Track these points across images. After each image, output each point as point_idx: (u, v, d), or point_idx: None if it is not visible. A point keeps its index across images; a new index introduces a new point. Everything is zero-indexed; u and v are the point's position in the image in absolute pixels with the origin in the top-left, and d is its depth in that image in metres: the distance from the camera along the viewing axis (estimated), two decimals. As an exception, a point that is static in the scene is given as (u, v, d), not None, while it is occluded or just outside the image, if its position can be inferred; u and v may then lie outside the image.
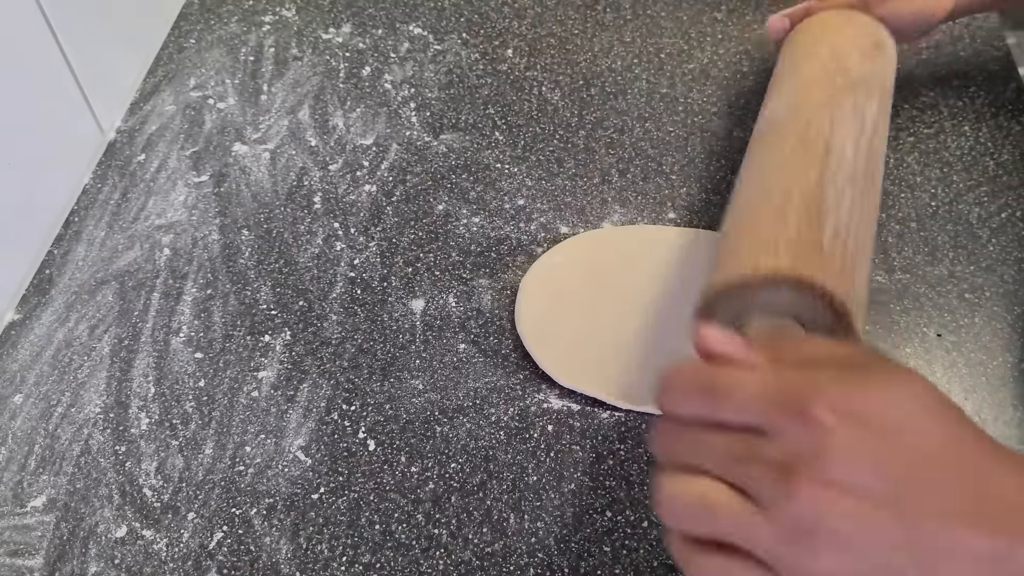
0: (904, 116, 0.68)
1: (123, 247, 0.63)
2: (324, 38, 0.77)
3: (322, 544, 0.49)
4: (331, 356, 0.56)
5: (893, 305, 0.57)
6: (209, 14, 0.79)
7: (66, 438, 0.53)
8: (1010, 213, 0.62)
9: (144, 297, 0.60)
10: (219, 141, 0.69)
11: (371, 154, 0.68)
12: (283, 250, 0.62)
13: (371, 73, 0.74)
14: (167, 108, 0.72)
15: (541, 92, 0.72)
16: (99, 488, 0.51)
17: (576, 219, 0.63)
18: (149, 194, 0.66)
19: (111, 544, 0.49)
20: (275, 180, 0.66)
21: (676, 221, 0.62)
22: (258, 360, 0.56)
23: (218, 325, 0.58)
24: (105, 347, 0.57)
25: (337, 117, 0.70)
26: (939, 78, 0.71)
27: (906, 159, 0.65)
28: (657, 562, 0.48)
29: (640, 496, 0.50)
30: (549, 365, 0.54)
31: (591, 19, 0.78)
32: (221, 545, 0.49)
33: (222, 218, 0.64)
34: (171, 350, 0.57)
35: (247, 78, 0.74)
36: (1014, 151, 0.66)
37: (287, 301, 0.59)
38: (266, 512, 0.50)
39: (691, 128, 0.68)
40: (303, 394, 0.55)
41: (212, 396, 0.55)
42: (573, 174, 0.66)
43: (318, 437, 0.53)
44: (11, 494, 0.51)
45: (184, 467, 0.52)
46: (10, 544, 0.49)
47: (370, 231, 0.63)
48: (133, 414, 0.54)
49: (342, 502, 0.50)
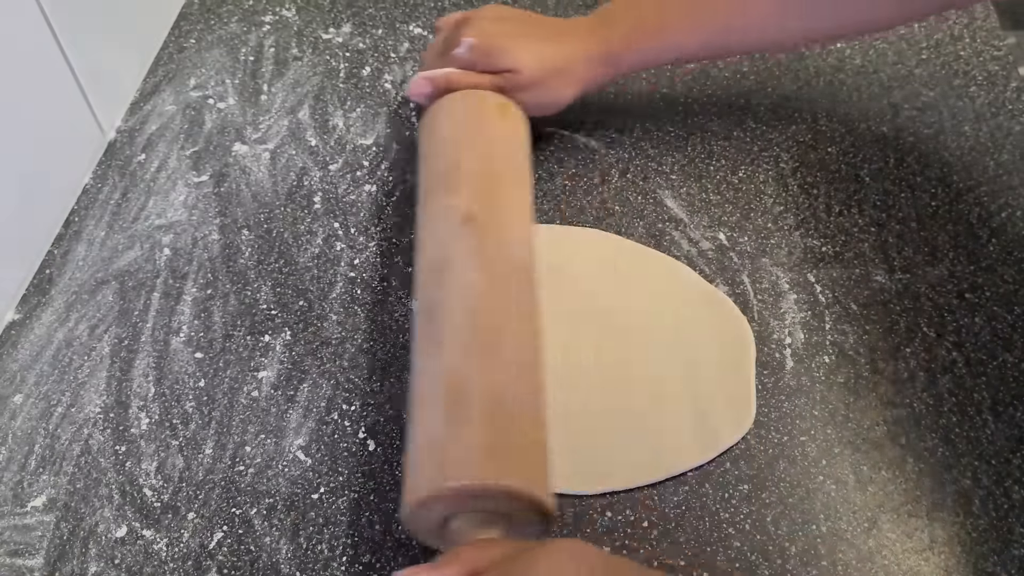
0: (904, 116, 0.68)
1: (123, 247, 0.63)
2: (324, 38, 0.77)
3: (322, 544, 0.49)
4: (331, 356, 0.56)
5: (893, 305, 0.57)
6: (209, 14, 0.79)
7: (66, 438, 0.53)
8: (1010, 213, 0.62)
9: (144, 297, 0.60)
10: (219, 141, 0.69)
11: (371, 154, 0.68)
12: (283, 250, 0.62)
13: (371, 73, 0.74)
14: (167, 108, 0.72)
15: (541, 92, 0.72)
16: (99, 488, 0.51)
17: (576, 219, 0.63)
18: (149, 194, 0.66)
19: (111, 544, 0.49)
20: (275, 180, 0.66)
21: (677, 220, 0.62)
22: (258, 360, 0.56)
23: (218, 325, 0.58)
24: (105, 347, 0.57)
25: (337, 117, 0.70)
26: (939, 78, 0.71)
27: (906, 159, 0.66)
28: (657, 562, 0.48)
29: (640, 497, 0.50)
30: None
31: (591, 19, 0.78)
32: (221, 545, 0.49)
33: (222, 218, 0.64)
34: (171, 350, 0.57)
35: (247, 78, 0.74)
36: (1014, 151, 0.66)
37: (287, 301, 0.59)
38: (266, 512, 0.50)
39: (691, 128, 0.68)
40: (303, 394, 0.55)
41: (212, 396, 0.55)
42: (573, 174, 0.66)
43: (318, 437, 0.53)
44: (11, 494, 0.51)
45: (184, 467, 0.52)
46: (10, 544, 0.49)
47: (370, 231, 0.63)
48: (133, 414, 0.54)
49: (342, 502, 0.50)
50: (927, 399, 0.53)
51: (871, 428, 0.52)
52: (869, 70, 0.72)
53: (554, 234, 0.62)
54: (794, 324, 0.57)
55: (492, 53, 0.59)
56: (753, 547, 0.48)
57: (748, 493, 0.50)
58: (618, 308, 0.57)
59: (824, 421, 0.53)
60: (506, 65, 0.59)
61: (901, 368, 0.55)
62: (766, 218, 0.62)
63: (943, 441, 0.52)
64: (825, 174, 0.65)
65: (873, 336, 0.56)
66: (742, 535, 0.49)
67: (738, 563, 0.48)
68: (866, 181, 0.64)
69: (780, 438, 0.52)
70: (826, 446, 0.52)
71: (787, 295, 0.58)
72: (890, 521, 0.49)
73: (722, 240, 0.61)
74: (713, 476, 0.51)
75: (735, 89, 0.71)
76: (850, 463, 0.51)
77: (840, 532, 0.49)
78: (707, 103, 0.70)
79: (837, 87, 0.70)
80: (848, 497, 0.50)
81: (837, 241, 0.61)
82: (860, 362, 0.55)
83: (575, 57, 0.60)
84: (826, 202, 0.63)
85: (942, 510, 0.49)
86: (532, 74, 0.59)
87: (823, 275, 0.59)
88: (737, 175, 0.65)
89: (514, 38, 0.60)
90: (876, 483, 0.50)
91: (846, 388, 0.54)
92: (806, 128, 0.68)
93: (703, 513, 0.49)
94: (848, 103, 0.69)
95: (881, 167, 0.65)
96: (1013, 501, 0.49)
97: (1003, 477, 0.50)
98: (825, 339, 0.56)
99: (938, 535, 0.48)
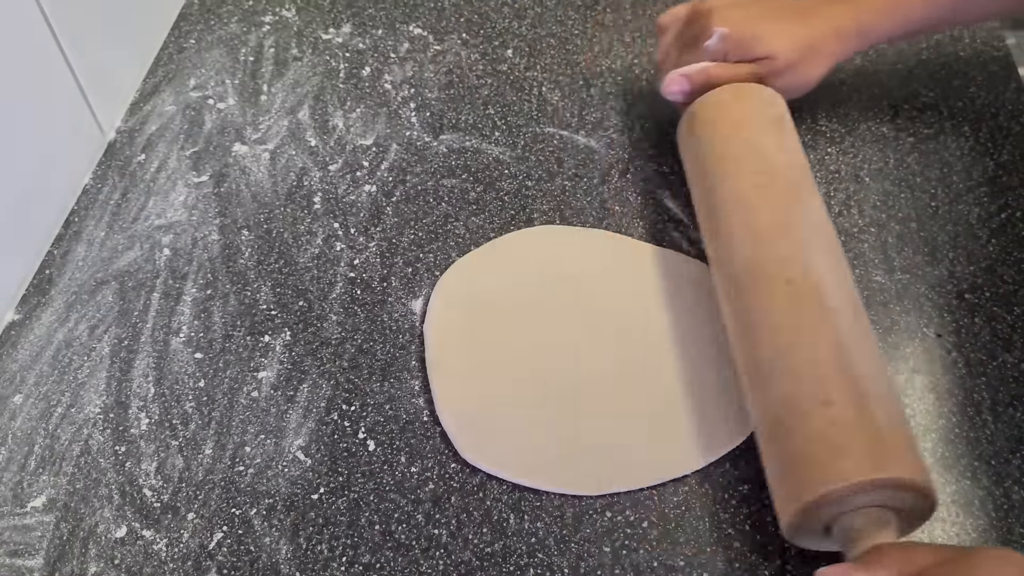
0: (904, 116, 0.68)
1: (123, 247, 0.63)
2: (324, 38, 0.77)
3: (322, 544, 0.49)
4: (331, 356, 0.56)
5: (893, 305, 0.57)
6: (209, 14, 0.79)
7: (66, 438, 0.53)
8: (1010, 213, 0.62)
9: (144, 297, 0.60)
10: (219, 141, 0.69)
11: (371, 154, 0.68)
12: (283, 250, 0.62)
13: (371, 73, 0.74)
14: (167, 108, 0.72)
15: (541, 92, 0.72)
16: (99, 488, 0.51)
17: (576, 219, 0.63)
18: (149, 194, 0.66)
19: (111, 544, 0.49)
20: (275, 180, 0.66)
21: (677, 221, 0.62)
22: (258, 360, 0.56)
23: (218, 325, 0.58)
24: (105, 347, 0.57)
25: (337, 117, 0.70)
26: (939, 78, 0.71)
27: (906, 159, 0.65)
28: (657, 562, 0.48)
29: (640, 496, 0.50)
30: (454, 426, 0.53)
31: (591, 19, 0.78)
32: (221, 545, 0.49)
33: (222, 218, 0.64)
34: (171, 350, 0.57)
35: (247, 78, 0.74)
36: (1014, 151, 0.66)
37: (287, 301, 0.59)
38: (266, 512, 0.50)
39: (691, 128, 0.68)
40: (303, 394, 0.55)
41: (212, 396, 0.55)
42: (573, 174, 0.66)
43: (318, 437, 0.53)
44: (11, 494, 0.51)
45: (184, 467, 0.52)
46: (10, 544, 0.49)
47: (370, 231, 0.63)
48: (133, 414, 0.54)
49: (342, 502, 0.50)
50: (927, 399, 0.53)
51: (871, 428, 0.52)
52: (869, 70, 0.72)
53: (554, 234, 0.62)
54: (794, 324, 0.57)
55: (746, 41, 0.58)
56: (753, 547, 0.48)
57: (748, 493, 0.50)
58: (619, 309, 0.57)
59: (824, 421, 0.53)
60: (762, 52, 0.58)
61: (902, 368, 0.55)
62: (766, 218, 0.62)
63: (943, 441, 0.52)
64: (825, 174, 0.65)
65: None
66: (742, 535, 0.49)
67: (738, 563, 0.48)
68: (866, 181, 0.64)
69: (780, 438, 0.52)
70: (826, 446, 0.52)
71: (787, 295, 0.58)
72: (890, 521, 0.49)
73: (722, 240, 0.61)
74: (713, 476, 0.51)
75: (735, 89, 0.71)
76: (850, 463, 0.51)
77: (840, 532, 0.49)
78: (707, 103, 0.70)
79: (837, 87, 0.70)
80: (848, 497, 0.50)
81: (837, 241, 0.61)
82: (860, 362, 0.55)
83: (825, 34, 0.59)
84: (826, 202, 0.63)
85: (942, 510, 0.49)
86: (788, 57, 0.58)
87: (823, 275, 0.59)
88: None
89: (765, 22, 0.59)
90: (876, 483, 0.50)
91: (846, 388, 0.54)
92: (806, 128, 0.68)
93: (703, 513, 0.49)
94: (848, 103, 0.69)
95: (881, 167, 0.65)
96: (1013, 501, 0.49)
97: (1003, 477, 0.50)
98: (825, 339, 0.56)
99: (938, 535, 0.48)
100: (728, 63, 0.59)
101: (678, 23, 0.63)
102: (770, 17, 0.59)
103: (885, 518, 0.43)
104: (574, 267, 0.60)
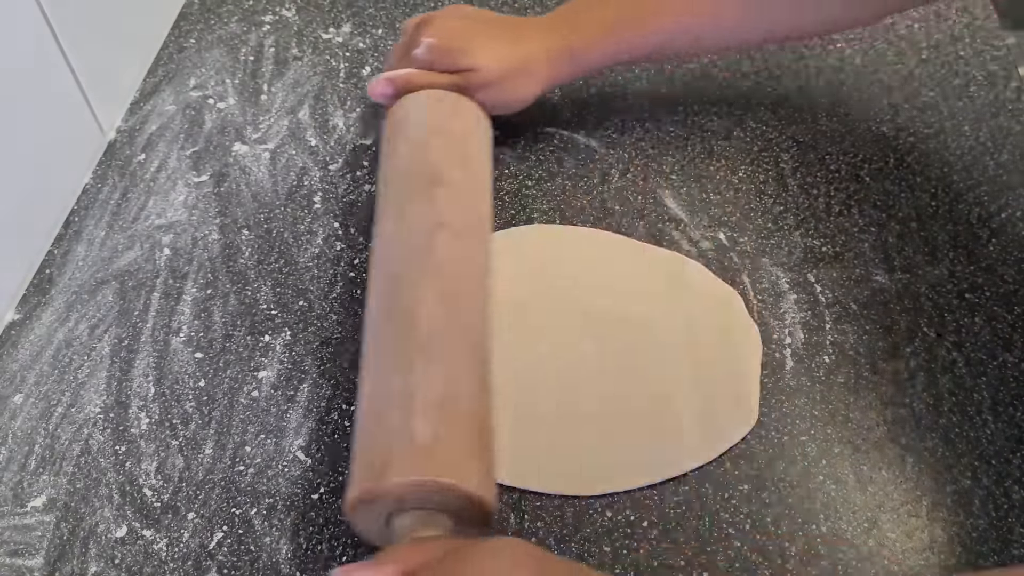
0: (904, 116, 0.68)
1: (123, 247, 0.63)
2: (324, 38, 0.77)
3: (322, 544, 0.49)
4: (331, 356, 0.56)
5: (893, 305, 0.57)
6: (209, 14, 0.79)
7: (66, 438, 0.53)
8: (1010, 213, 0.62)
9: (144, 297, 0.60)
10: (219, 141, 0.69)
11: (371, 154, 0.68)
12: (283, 250, 0.62)
13: (371, 73, 0.74)
14: (167, 108, 0.72)
15: (541, 92, 0.72)
16: (99, 488, 0.51)
17: (576, 219, 0.63)
18: (149, 194, 0.66)
19: (111, 544, 0.49)
20: (275, 180, 0.66)
21: (677, 221, 0.62)
22: (258, 360, 0.56)
23: (218, 325, 0.58)
24: (105, 347, 0.57)
25: (337, 117, 0.70)
26: (939, 78, 0.71)
27: (906, 159, 0.66)
28: (657, 562, 0.48)
29: (640, 496, 0.50)
30: None
31: (591, 19, 0.78)
32: (221, 545, 0.49)
33: (222, 218, 0.64)
34: (171, 350, 0.57)
35: (247, 78, 0.74)
36: (1014, 151, 0.66)
37: (287, 301, 0.59)
38: (266, 512, 0.50)
39: (691, 128, 0.68)
40: (303, 394, 0.55)
41: (212, 396, 0.55)
42: (573, 174, 0.66)
43: (318, 437, 0.53)
44: (11, 494, 0.51)
45: (184, 467, 0.52)
46: (10, 544, 0.49)
47: (370, 231, 0.63)
48: (133, 414, 0.54)
49: (342, 502, 0.50)
50: (927, 399, 0.53)
51: (871, 428, 0.52)
52: (869, 70, 0.72)
53: (554, 234, 0.62)
54: (794, 324, 0.57)
55: (451, 52, 0.60)
56: (753, 547, 0.48)
57: (748, 493, 0.50)
58: (619, 308, 0.57)
59: (824, 421, 0.53)
60: (465, 64, 0.60)
61: (901, 368, 0.55)
62: (766, 218, 0.62)
63: (943, 441, 0.52)
64: (825, 174, 0.65)
65: (873, 336, 0.56)
66: (742, 535, 0.49)
67: (738, 563, 0.48)
68: (866, 181, 0.64)
69: (780, 438, 0.52)
70: (826, 446, 0.52)
71: (787, 295, 0.58)
72: (890, 521, 0.49)
73: (722, 240, 0.61)
74: (713, 476, 0.51)
75: (735, 89, 0.71)
76: (850, 463, 0.51)
77: (840, 532, 0.49)
78: (707, 103, 0.70)
79: (837, 87, 0.70)
80: (848, 497, 0.50)
81: (837, 241, 0.61)
82: (860, 362, 0.55)
83: (535, 56, 0.61)
84: (826, 202, 0.63)
85: (942, 510, 0.49)
86: (491, 73, 0.60)
87: (823, 275, 0.59)
88: (737, 175, 0.65)
89: (473, 37, 0.61)
90: (876, 483, 0.50)
91: (846, 388, 0.54)
92: (806, 128, 0.68)
93: (703, 513, 0.49)
94: (848, 103, 0.69)
95: (881, 167, 0.65)
96: (1013, 501, 0.49)
97: (1003, 477, 0.50)
98: (825, 339, 0.56)
99: (938, 535, 0.48)
100: (434, 72, 0.60)
101: (411, 28, 0.64)
102: (484, 34, 0.61)
103: (433, 519, 0.43)
104: (573, 266, 0.60)
